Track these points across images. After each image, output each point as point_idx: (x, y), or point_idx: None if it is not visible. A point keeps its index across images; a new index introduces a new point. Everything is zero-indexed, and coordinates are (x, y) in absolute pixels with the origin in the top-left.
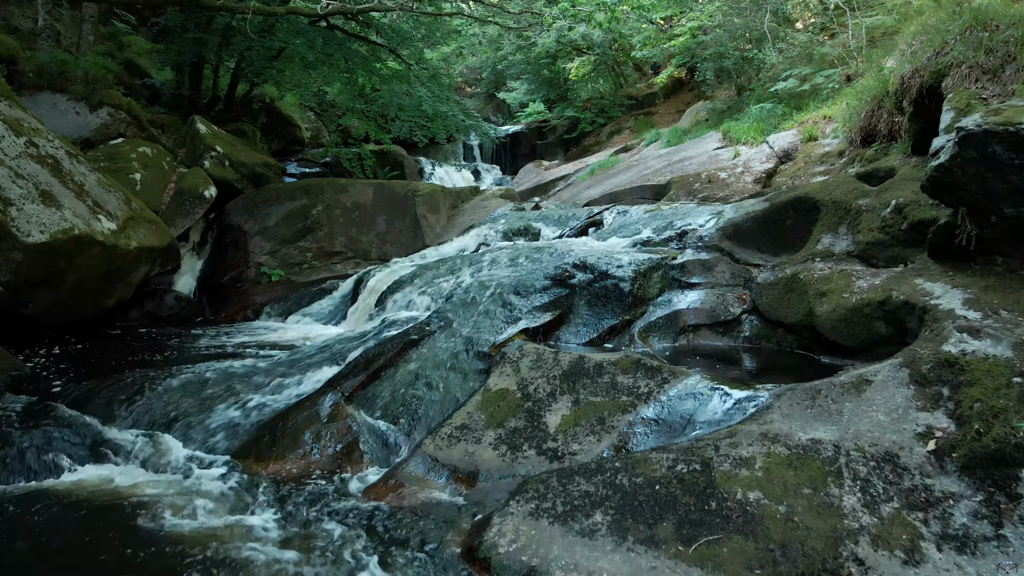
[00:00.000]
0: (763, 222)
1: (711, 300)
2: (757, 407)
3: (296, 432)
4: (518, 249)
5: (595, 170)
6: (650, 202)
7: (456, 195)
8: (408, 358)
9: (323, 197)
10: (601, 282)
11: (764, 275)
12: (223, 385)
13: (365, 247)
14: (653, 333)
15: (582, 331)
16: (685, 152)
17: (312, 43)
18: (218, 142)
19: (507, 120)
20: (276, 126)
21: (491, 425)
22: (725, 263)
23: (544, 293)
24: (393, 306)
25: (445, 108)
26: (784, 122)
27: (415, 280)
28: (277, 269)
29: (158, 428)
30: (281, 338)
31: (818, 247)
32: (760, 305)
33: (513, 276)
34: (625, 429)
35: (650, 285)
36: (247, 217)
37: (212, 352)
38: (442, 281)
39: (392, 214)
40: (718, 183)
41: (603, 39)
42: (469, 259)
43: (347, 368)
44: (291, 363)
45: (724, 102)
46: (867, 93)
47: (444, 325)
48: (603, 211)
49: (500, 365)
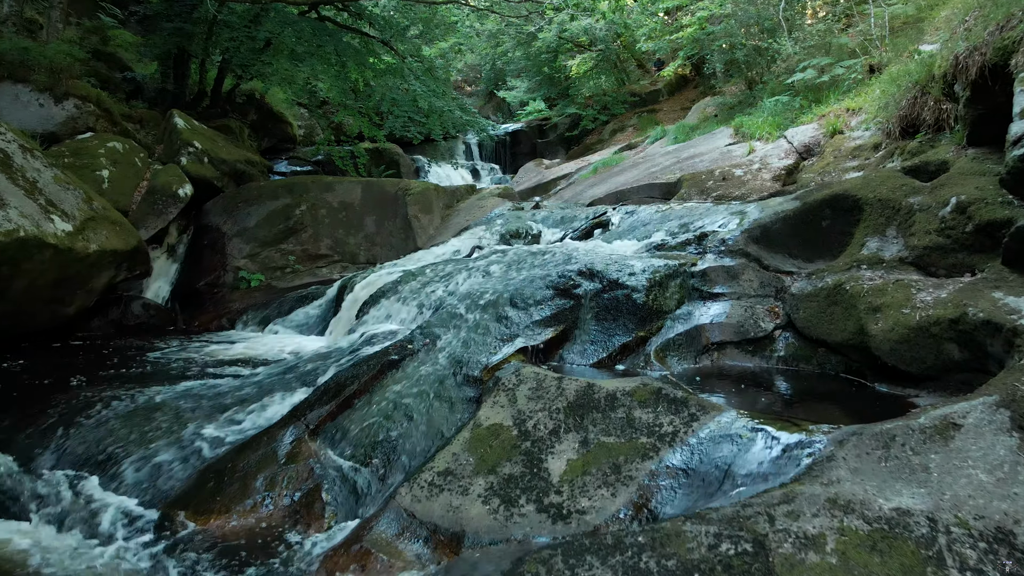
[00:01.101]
0: (795, 223)
1: (738, 313)
2: (814, 457)
3: (247, 477)
4: (516, 254)
5: (598, 168)
6: (659, 201)
7: (451, 194)
8: (386, 383)
9: (308, 196)
10: (611, 292)
11: (799, 285)
12: (173, 412)
13: (353, 249)
14: (672, 352)
15: (589, 350)
16: (694, 148)
17: (300, 34)
18: (197, 138)
19: (507, 119)
20: (266, 123)
21: (481, 471)
22: (752, 270)
23: (545, 305)
24: (375, 317)
25: (441, 103)
26: (802, 116)
27: (401, 288)
28: (257, 273)
29: (88, 468)
30: (255, 351)
31: (863, 252)
32: (796, 320)
33: (510, 285)
34: (646, 481)
35: (667, 296)
36: (226, 217)
37: (174, 369)
38: (430, 290)
39: (382, 214)
40: (733, 181)
41: (606, 33)
42: (461, 265)
43: (315, 394)
44: (257, 384)
45: (734, 97)
46: (905, 79)
47: (429, 343)
48: (609, 211)
49: (493, 393)
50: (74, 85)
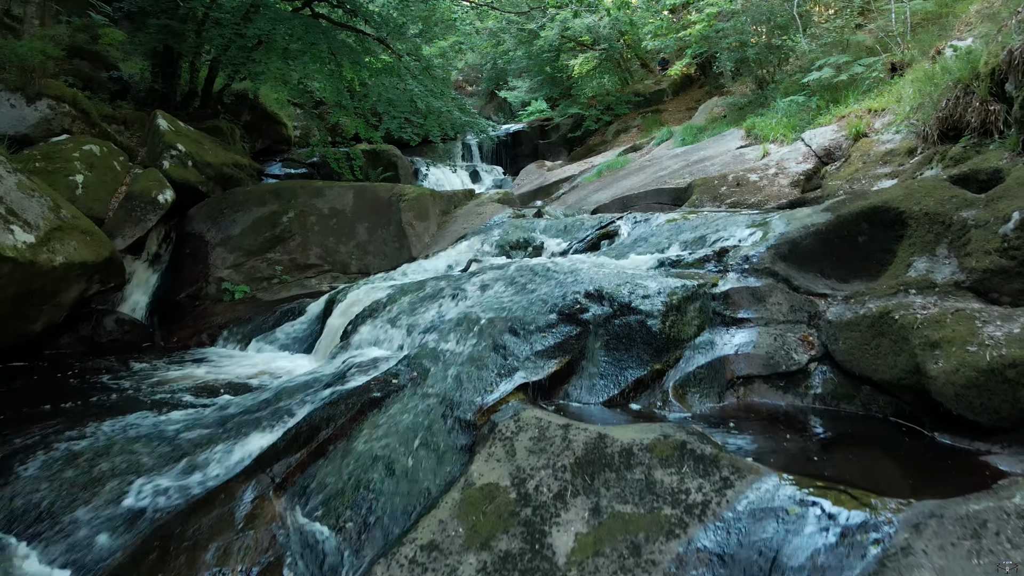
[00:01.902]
0: (827, 239)
1: (767, 343)
2: (884, 547)
3: (196, 546)
4: (516, 269)
5: (603, 171)
6: (668, 207)
7: (448, 200)
8: (366, 426)
9: (296, 202)
10: (622, 318)
11: (836, 310)
12: (126, 457)
13: (344, 259)
14: (692, 388)
15: (599, 385)
16: (704, 151)
17: (292, 31)
18: (181, 140)
19: (508, 119)
20: (260, 124)
21: (472, 545)
22: (781, 292)
23: (548, 333)
24: (361, 341)
25: (439, 104)
26: (819, 117)
27: (390, 307)
28: (241, 285)
29: (17, 528)
30: (232, 374)
31: (910, 274)
32: (835, 352)
33: (509, 307)
34: (673, 569)
35: (686, 321)
36: (210, 224)
37: (138, 397)
38: (422, 309)
39: (375, 221)
40: (748, 186)
41: (610, 31)
42: (456, 282)
43: (284, 439)
44: (223, 422)
45: (744, 97)
46: (943, 78)
47: (417, 376)
48: (617, 220)
49: (488, 443)
50: (48, 84)
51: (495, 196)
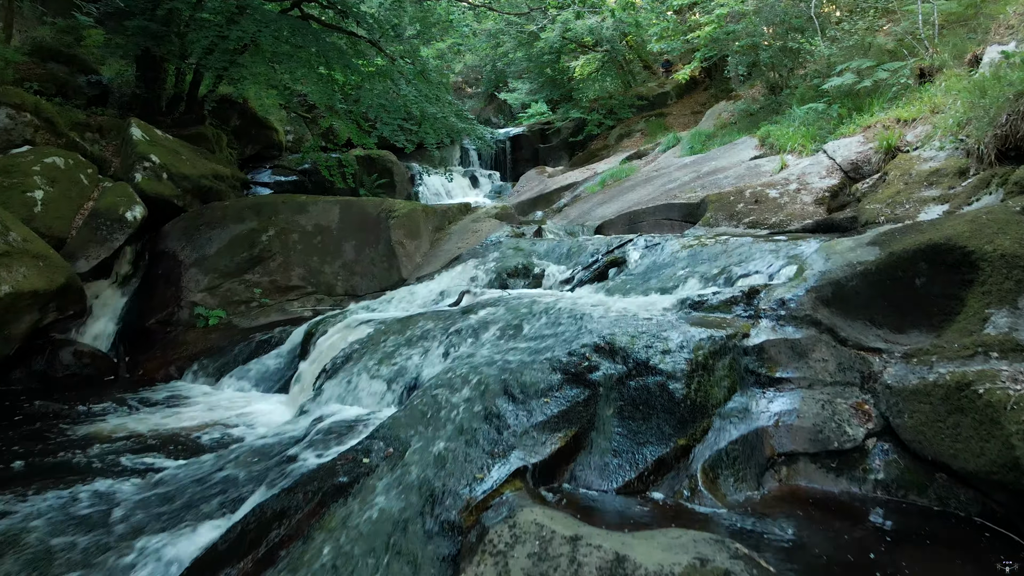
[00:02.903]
0: (877, 280)
1: (812, 411)
2: None
3: None
4: (514, 309)
5: (606, 181)
6: (680, 224)
7: (442, 215)
8: (326, 524)
9: (277, 219)
10: (639, 379)
11: (896, 372)
12: (32, 554)
13: (328, 280)
14: (725, 471)
15: (612, 465)
16: (716, 162)
17: (278, 33)
18: (155, 150)
19: (508, 121)
20: (250, 129)
21: None
22: (826, 345)
23: (551, 397)
24: (336, 392)
25: (434, 109)
26: (841, 126)
27: (370, 351)
28: (217, 309)
29: None
30: (196, 421)
31: (988, 331)
32: (899, 427)
33: (504, 361)
34: None
35: (714, 382)
36: (184, 243)
37: (78, 456)
38: (406, 356)
39: (362, 239)
40: (767, 204)
41: (613, 33)
42: (446, 321)
43: (227, 539)
44: (165, 499)
45: (756, 102)
46: (997, 87)
47: (393, 453)
48: (626, 243)
49: (476, 558)
50: (6, 92)
51: (492, 211)
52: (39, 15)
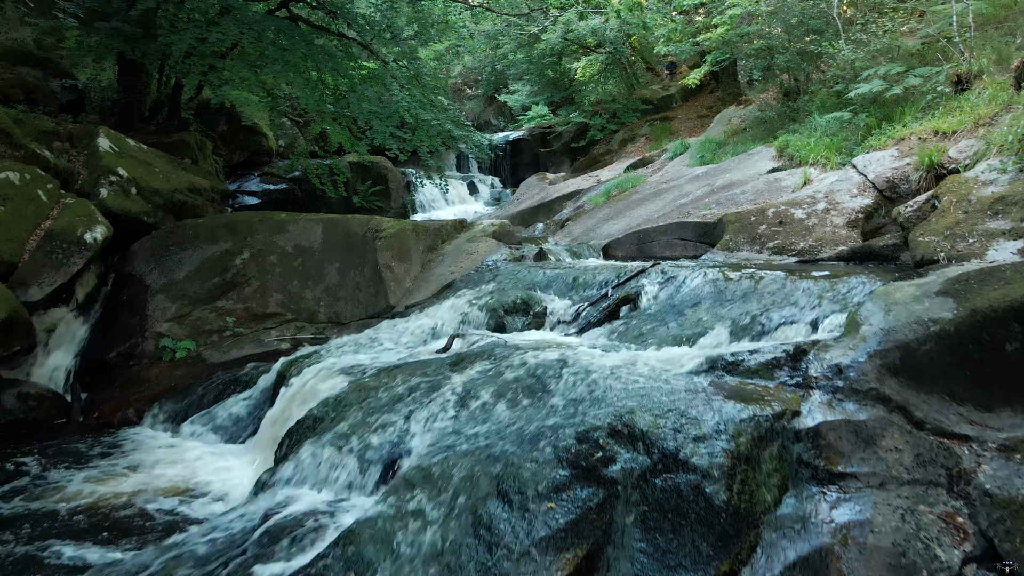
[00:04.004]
0: (957, 344)
1: (890, 524)
2: None
3: None
4: (511, 366)
5: (611, 192)
6: (694, 245)
7: (434, 234)
8: None
9: (254, 239)
10: (667, 475)
11: (997, 472)
12: None
13: (310, 306)
14: None
15: None
16: (730, 174)
17: (261, 36)
18: (123, 162)
19: (508, 123)
20: (238, 135)
21: None
22: (899, 430)
23: (556, 500)
24: (303, 466)
25: (429, 115)
26: (870, 138)
27: (345, 412)
28: (185, 341)
29: None
30: (149, 484)
31: None
32: (1007, 551)
33: (498, 444)
34: None
35: (761, 479)
36: (152, 265)
37: None
38: (384, 423)
39: (347, 262)
40: (793, 225)
41: (617, 34)
42: (432, 375)
43: None
44: None
45: (770, 108)
46: None
47: None
48: (638, 275)
49: None
50: None
51: (489, 229)
52: (21, 16)
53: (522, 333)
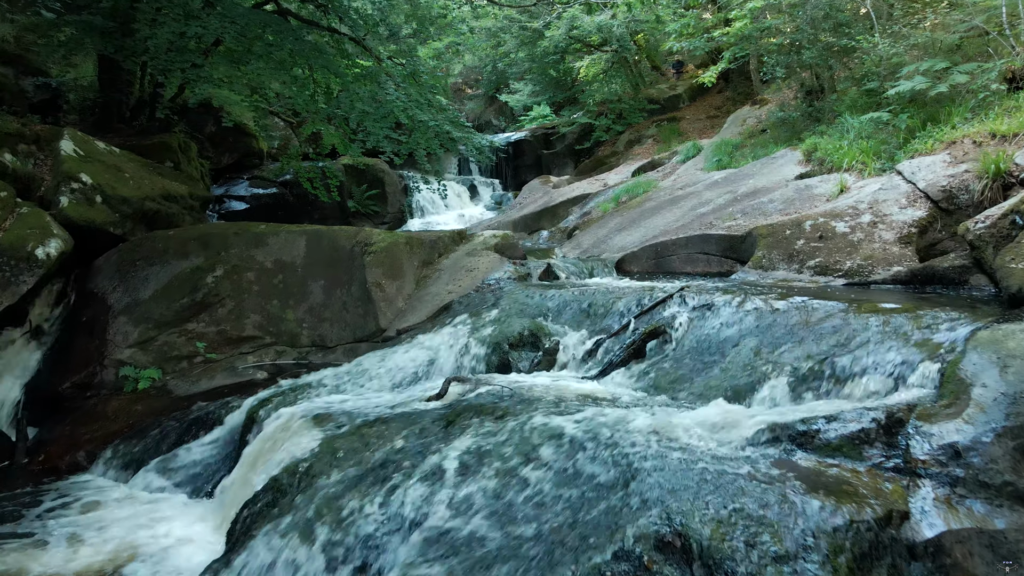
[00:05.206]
0: None
1: None
2: None
3: None
4: (517, 435)
5: (620, 197)
6: (718, 260)
7: (430, 247)
8: None
9: (228, 254)
10: None
11: None
12: None
13: (291, 328)
14: None
15: None
16: (753, 180)
17: (246, 30)
18: (88, 168)
19: (510, 123)
20: (227, 136)
21: None
22: None
23: None
24: (258, 561)
25: (426, 116)
26: (913, 141)
27: (314, 484)
28: (149, 369)
29: None
30: (82, 558)
31: None
32: None
33: (506, 564)
34: None
35: None
36: (117, 282)
37: None
38: (357, 507)
39: (333, 279)
40: (835, 241)
41: (623, 31)
42: (421, 435)
43: None
44: None
45: (792, 107)
46: None
47: None
48: (665, 301)
49: None
50: None
51: (490, 241)
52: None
53: (531, 376)
